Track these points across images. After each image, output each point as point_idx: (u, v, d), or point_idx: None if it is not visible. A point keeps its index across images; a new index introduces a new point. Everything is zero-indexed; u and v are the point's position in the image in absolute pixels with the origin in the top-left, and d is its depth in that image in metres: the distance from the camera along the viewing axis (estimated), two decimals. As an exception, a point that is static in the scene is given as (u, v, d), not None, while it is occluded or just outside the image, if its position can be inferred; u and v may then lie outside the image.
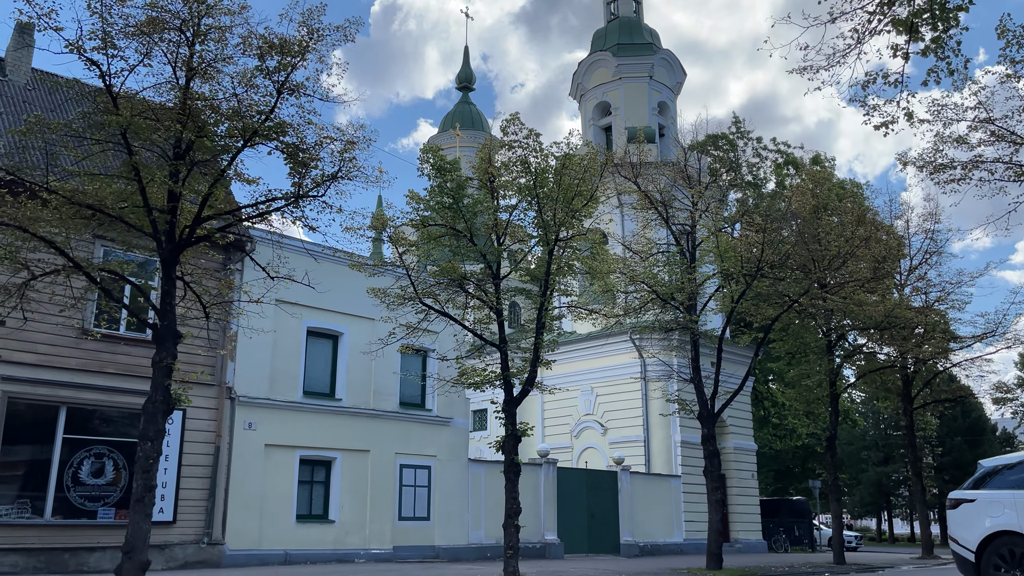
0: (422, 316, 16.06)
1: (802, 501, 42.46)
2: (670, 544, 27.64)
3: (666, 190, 21.02)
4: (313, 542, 18.69)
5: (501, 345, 15.80)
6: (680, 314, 20.36)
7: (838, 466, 24.76)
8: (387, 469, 20.55)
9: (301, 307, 19.60)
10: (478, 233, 16.43)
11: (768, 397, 44.67)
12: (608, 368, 31.00)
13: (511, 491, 15.37)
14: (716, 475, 19.80)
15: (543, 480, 24.10)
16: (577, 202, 14.55)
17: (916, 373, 30.08)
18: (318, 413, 19.51)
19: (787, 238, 22.23)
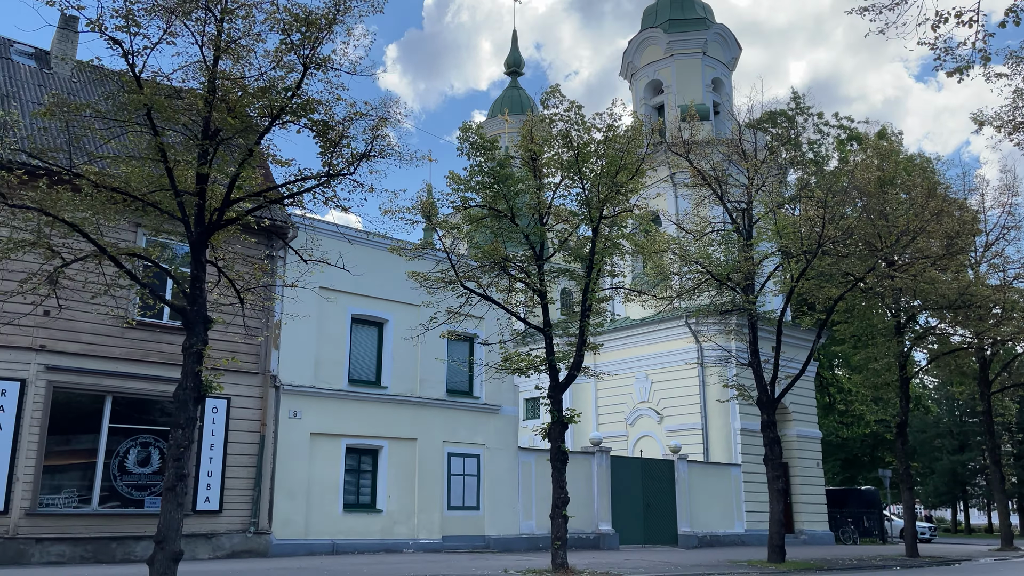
0: (463, 300, 15.54)
1: (871, 491, 40.82)
2: (730, 535, 26.68)
3: (720, 166, 20.04)
4: (360, 532, 18.44)
5: (545, 329, 15.19)
6: (737, 295, 19.41)
7: (910, 454, 23.40)
8: (435, 458, 20.17)
9: (344, 294, 19.36)
10: (520, 213, 15.83)
11: (833, 383, 43.01)
12: (663, 354, 30.08)
13: (558, 480, 14.79)
14: (777, 463, 18.85)
15: (596, 469, 23.44)
16: (622, 176, 13.80)
17: (994, 356, 28.34)
18: (364, 401, 19.23)
19: (850, 214, 21.01)
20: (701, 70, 34.11)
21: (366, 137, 11.98)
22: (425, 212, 15.38)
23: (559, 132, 14.16)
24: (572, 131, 13.98)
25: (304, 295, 18.31)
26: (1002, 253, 27.92)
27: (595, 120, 13.87)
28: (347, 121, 11.41)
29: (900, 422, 23.03)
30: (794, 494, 29.84)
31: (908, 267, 22.05)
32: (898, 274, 21.45)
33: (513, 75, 46.01)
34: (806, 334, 30.90)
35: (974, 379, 29.42)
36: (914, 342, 23.92)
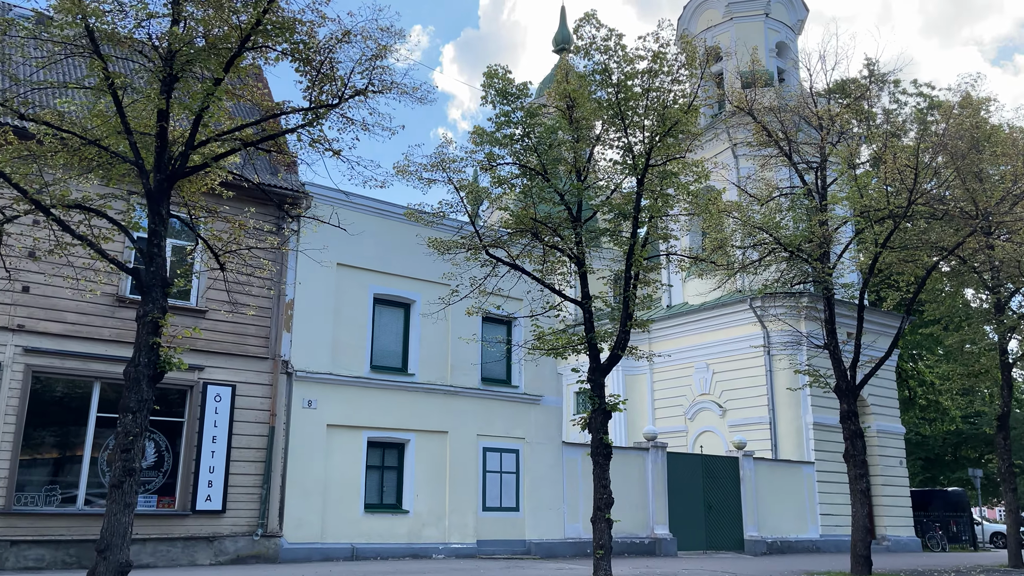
0: (489, 270, 13.48)
1: (959, 492, 37.29)
2: (803, 540, 23.98)
3: (788, 119, 17.50)
4: (384, 535, 16.56)
5: (584, 301, 12.99)
6: (810, 268, 16.86)
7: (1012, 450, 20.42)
8: (468, 453, 18.17)
9: (366, 271, 17.56)
10: (554, 171, 13.67)
11: (914, 376, 39.53)
12: (725, 342, 27.46)
13: (600, 477, 12.60)
14: (860, 460, 16.24)
15: (651, 466, 21.11)
16: (673, 112, 11.51)
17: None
18: (388, 390, 17.35)
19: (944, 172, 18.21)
20: (764, 33, 31.30)
21: (364, 70, 10.05)
22: (444, 167, 13.38)
23: (596, 66, 11.94)
24: (611, 64, 11.75)
25: (322, 273, 16.65)
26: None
27: (639, 50, 11.61)
28: (334, 42, 9.47)
29: (1002, 413, 20.05)
30: (875, 495, 26.87)
31: (1012, 235, 19.11)
32: (1000, 242, 18.55)
33: (561, 52, 43.75)
34: (886, 318, 27.92)
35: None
36: (1020, 319, 20.82)
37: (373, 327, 17.61)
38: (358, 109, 10.24)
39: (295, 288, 16.37)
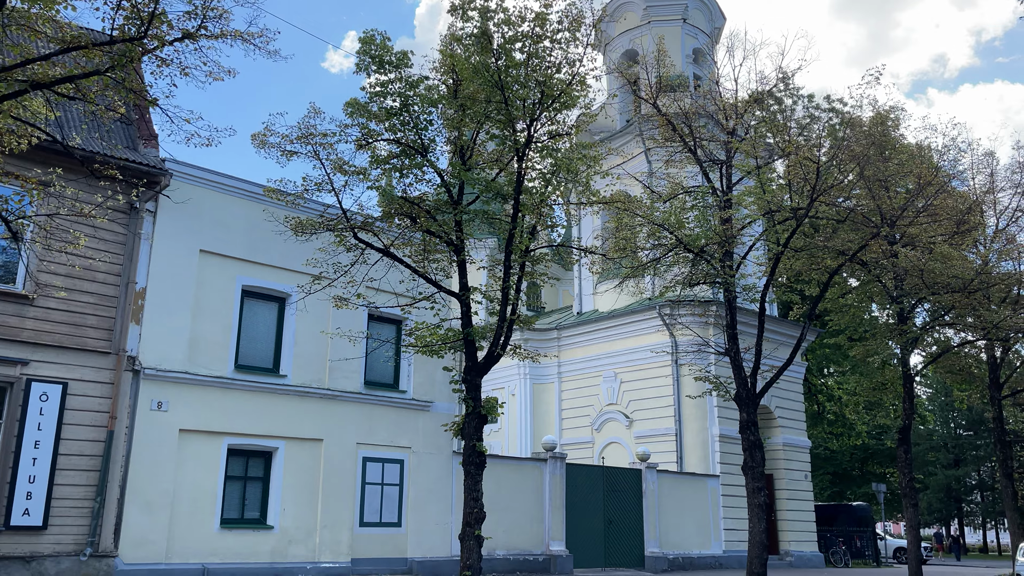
0: (358, 255, 12.09)
1: (863, 507, 37.48)
2: (706, 557, 23.17)
3: (692, 112, 16.68)
4: (243, 553, 14.82)
5: (462, 293, 11.72)
6: (714, 268, 16.02)
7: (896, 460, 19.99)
8: (345, 463, 16.60)
9: (233, 260, 15.86)
10: (436, 149, 12.40)
11: (823, 391, 39.74)
12: (634, 350, 26.62)
13: (471, 489, 11.31)
14: (759, 472, 15.41)
15: (548, 478, 19.91)
16: (557, 83, 10.38)
17: (1005, 354, 25.05)
18: (255, 392, 15.66)
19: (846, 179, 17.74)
20: (681, 39, 30.85)
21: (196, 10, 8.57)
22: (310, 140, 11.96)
23: (475, 30, 10.72)
24: (490, 27, 10.55)
25: (181, 261, 14.95)
26: (1014, 239, 24.62)
27: (520, 11, 10.44)
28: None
29: (904, 426, 19.65)
30: (779, 510, 26.40)
31: (914, 244, 18.80)
32: (904, 250, 18.16)
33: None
34: (794, 329, 27.57)
35: (983, 382, 26.11)
36: (921, 331, 20.53)
37: (240, 323, 15.90)
38: (191, 55, 8.75)
39: (147, 276, 14.57)
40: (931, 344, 24.48)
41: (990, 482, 53.89)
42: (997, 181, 25.40)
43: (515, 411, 29.53)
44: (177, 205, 14.98)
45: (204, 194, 15.52)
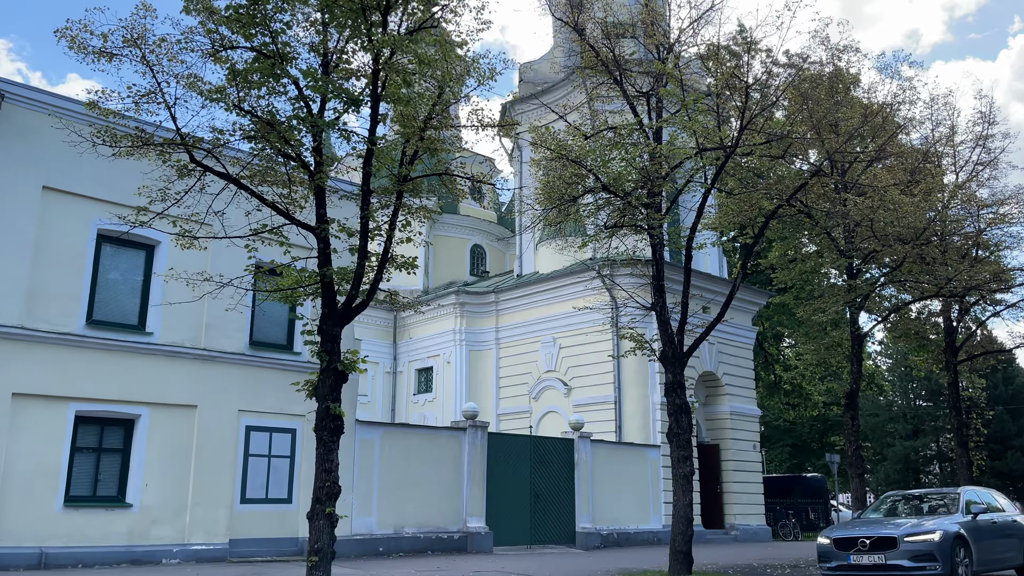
0: (195, 182, 10.10)
1: (817, 478, 36.51)
2: (644, 532, 21.68)
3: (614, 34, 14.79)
4: (93, 536, 12.91)
5: (319, 226, 9.79)
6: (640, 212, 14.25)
7: (860, 434, 18.61)
8: (224, 432, 14.71)
9: (86, 200, 13.75)
10: (293, 57, 10.38)
11: (779, 360, 38.50)
12: (572, 314, 24.86)
13: (324, 459, 9.49)
14: (684, 439, 13.77)
15: (467, 449, 18.20)
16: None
17: (962, 316, 23.72)
18: (112, 352, 13.67)
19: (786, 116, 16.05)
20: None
21: None
22: (138, 43, 9.89)
23: None
24: None
25: (17, 198, 12.85)
26: (974, 197, 23.16)
27: None
28: None
29: (851, 391, 18.16)
30: (725, 481, 25.00)
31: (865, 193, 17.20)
32: (853, 197, 16.55)
33: None
34: (743, 290, 26.07)
35: (938, 347, 24.82)
36: (871, 288, 19.00)
37: (96, 272, 13.87)
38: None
39: (-27, 214, 12.47)
40: (885, 309, 23.09)
41: (948, 453, 53.37)
42: (957, 134, 23.95)
43: (450, 379, 27.80)
44: (13, 134, 12.84)
45: (50, 123, 13.35)
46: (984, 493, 14.43)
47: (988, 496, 14.35)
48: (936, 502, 13.76)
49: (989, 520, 13.11)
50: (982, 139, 23.46)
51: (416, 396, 29.41)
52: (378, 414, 29.04)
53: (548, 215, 15.16)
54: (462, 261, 34.34)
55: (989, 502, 13.88)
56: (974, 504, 12.95)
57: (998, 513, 13.82)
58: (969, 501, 13.06)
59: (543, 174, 15.47)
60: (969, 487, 14.69)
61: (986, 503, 13.58)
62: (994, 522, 13.28)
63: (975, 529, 12.48)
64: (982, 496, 13.97)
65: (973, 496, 13.55)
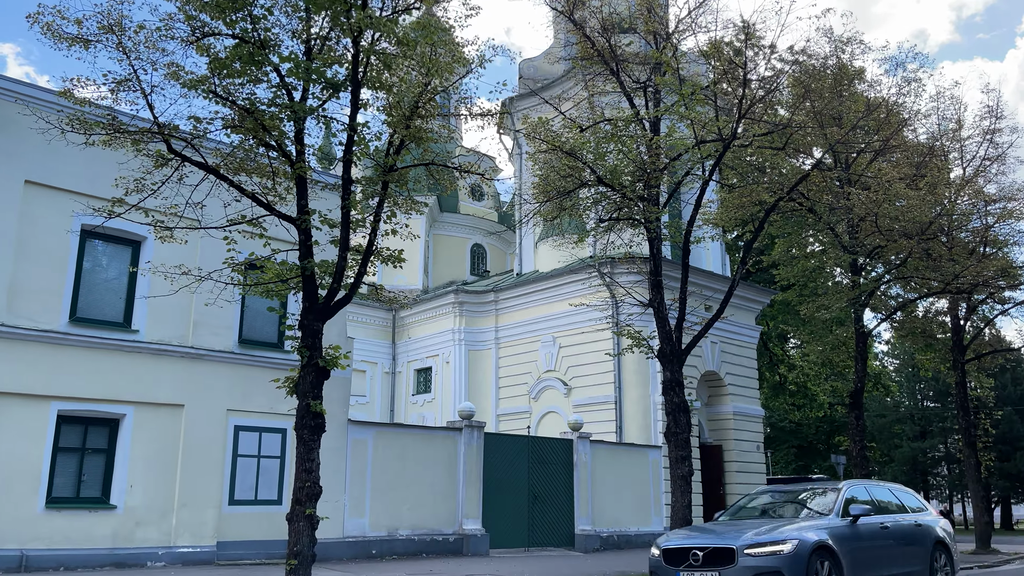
0: (172, 171, 9.79)
1: (823, 480, 35.93)
2: (645, 534, 21.25)
3: (610, 25, 14.44)
4: (75, 538, 12.59)
5: (300, 217, 9.47)
6: (636, 205, 13.90)
7: (866, 433, 18.18)
8: (212, 432, 14.39)
9: (70, 194, 13.44)
10: (276, 44, 10.07)
11: (784, 360, 38.04)
12: (572, 312, 24.50)
13: (305, 459, 9.19)
14: (683, 439, 13.41)
15: (463, 450, 17.83)
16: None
17: (970, 314, 23.26)
18: (96, 350, 13.36)
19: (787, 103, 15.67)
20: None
21: None
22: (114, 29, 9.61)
23: None
24: None
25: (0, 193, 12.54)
26: (981, 192, 22.71)
27: None
28: None
29: (855, 390, 17.74)
30: (728, 483, 24.59)
31: (869, 187, 16.81)
32: (857, 191, 16.16)
33: None
34: (745, 288, 25.69)
35: (945, 346, 24.36)
36: (875, 284, 18.59)
37: (80, 268, 13.57)
38: None
39: (-48, 208, 12.19)
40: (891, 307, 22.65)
41: (956, 454, 52.79)
42: (964, 129, 23.52)
43: (449, 380, 27.46)
44: None
45: (36, 114, 13.05)
46: (879, 489, 11.66)
47: (884, 492, 11.56)
48: (815, 499, 10.88)
49: (875, 525, 10.37)
50: (989, 133, 23.03)
51: (415, 397, 29.07)
52: (377, 415, 28.73)
53: (542, 209, 14.82)
54: (462, 261, 34.04)
55: (882, 500, 11.26)
56: (855, 504, 10.26)
57: (893, 515, 11.04)
58: (849, 500, 10.31)
59: (538, 167, 15.18)
60: (856, 481, 11.71)
61: (877, 502, 10.98)
62: (884, 527, 10.51)
63: (850, 537, 9.78)
64: (874, 493, 11.24)
65: (857, 493, 10.75)
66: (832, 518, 9.86)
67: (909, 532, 11.07)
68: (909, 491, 12.31)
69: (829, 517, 9.88)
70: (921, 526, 11.35)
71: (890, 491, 11.74)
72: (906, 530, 11.01)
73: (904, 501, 11.74)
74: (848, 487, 10.75)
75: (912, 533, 11.12)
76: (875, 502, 10.92)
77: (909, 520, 11.24)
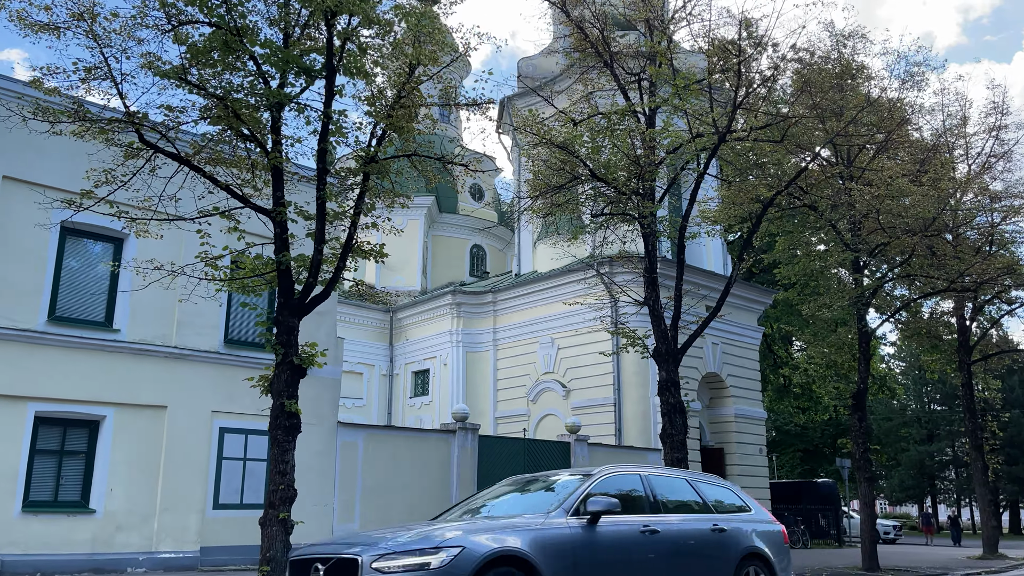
0: (143, 163, 9.45)
1: (829, 484, 35.44)
2: (644, 539, 20.79)
3: (601, 14, 14.07)
4: (53, 543, 12.24)
5: (275, 210, 9.10)
6: (630, 200, 13.52)
7: (870, 436, 17.73)
8: (197, 434, 14.04)
9: (52, 190, 13.08)
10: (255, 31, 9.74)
11: (789, 362, 37.55)
12: (571, 313, 24.08)
13: (279, 460, 8.78)
14: (679, 441, 13.00)
15: (457, 452, 17.45)
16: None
17: (976, 314, 22.79)
18: (76, 350, 13.03)
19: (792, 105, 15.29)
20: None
21: None
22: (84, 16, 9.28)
23: None
24: None
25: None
26: (987, 189, 22.25)
27: None
28: None
29: (858, 391, 17.29)
30: (730, 487, 24.08)
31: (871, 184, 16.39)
32: (859, 187, 15.74)
33: None
34: (748, 289, 25.31)
35: (951, 347, 23.88)
36: (878, 283, 18.16)
37: (59, 266, 13.25)
38: None
39: (-74, 204, 11.88)
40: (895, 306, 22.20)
41: (964, 458, 52.19)
42: (969, 125, 23.10)
43: (447, 382, 27.08)
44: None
45: (11, 110, 12.75)
46: (666, 480, 8.30)
47: (676, 485, 8.32)
48: (552, 491, 7.69)
49: (631, 528, 7.25)
50: (995, 130, 22.60)
51: (413, 399, 28.70)
52: (374, 418, 28.35)
53: (535, 205, 14.45)
54: (462, 262, 33.69)
55: (664, 496, 7.95)
56: (595, 498, 7.07)
57: (677, 516, 7.86)
58: (589, 495, 7.18)
59: (530, 162, 14.85)
60: (624, 466, 8.23)
61: (649, 497, 7.75)
62: (648, 531, 7.33)
63: (576, 544, 6.76)
64: (655, 485, 7.95)
65: (613, 483, 7.60)
66: (554, 516, 6.85)
67: (697, 539, 7.81)
68: (729, 487, 9.12)
69: (551, 515, 6.87)
70: (725, 531, 8.07)
71: (689, 483, 8.48)
72: (691, 536, 7.76)
73: (710, 497, 8.46)
74: (604, 474, 7.65)
75: (704, 540, 7.86)
76: (645, 498, 7.74)
77: (702, 524, 7.98)
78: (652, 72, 13.00)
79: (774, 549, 8.60)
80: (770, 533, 8.76)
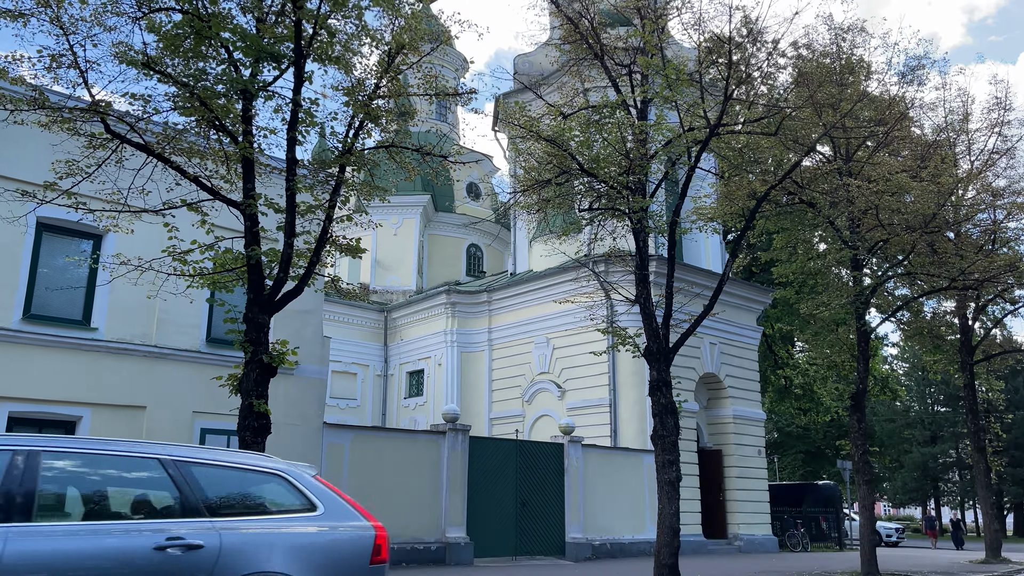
0: (110, 153, 9.14)
1: (831, 486, 34.97)
2: (639, 542, 20.46)
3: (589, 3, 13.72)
4: (25, 546, 11.89)
5: (245, 201, 8.78)
6: (620, 195, 13.16)
7: (871, 437, 17.35)
8: (177, 435, 13.64)
9: (27, 185, 12.72)
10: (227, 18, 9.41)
11: (789, 363, 37.14)
12: (566, 312, 23.73)
13: (246, 463, 8.39)
14: (670, 442, 12.63)
15: (447, 454, 17.10)
16: None
17: (978, 313, 22.37)
18: (52, 348, 12.72)
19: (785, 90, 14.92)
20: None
21: None
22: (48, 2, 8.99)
23: None
24: None
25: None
26: (990, 187, 21.83)
27: None
28: None
29: (857, 391, 16.90)
30: (729, 489, 23.76)
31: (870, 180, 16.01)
32: (857, 182, 15.37)
33: None
34: (748, 289, 24.94)
35: (953, 347, 23.45)
36: (877, 281, 17.77)
37: (35, 263, 12.93)
38: None
39: None
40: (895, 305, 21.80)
41: (967, 460, 51.71)
42: (971, 121, 22.69)
43: (442, 382, 26.73)
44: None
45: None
46: (81, 457, 5.26)
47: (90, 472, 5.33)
48: None
49: None
50: (998, 126, 22.18)
51: (407, 400, 28.36)
52: (368, 418, 28.02)
53: (523, 200, 14.11)
54: (458, 262, 33.35)
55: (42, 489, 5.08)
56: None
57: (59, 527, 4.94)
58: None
59: (516, 156, 14.54)
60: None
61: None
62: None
63: None
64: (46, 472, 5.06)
65: None
66: None
67: (119, 568, 4.83)
68: (286, 472, 5.90)
69: None
70: (199, 549, 5.07)
71: (164, 465, 5.41)
72: (103, 561, 4.79)
73: (211, 492, 5.43)
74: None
75: (137, 570, 4.88)
76: None
77: (137, 540, 4.99)
78: (643, 63, 12.63)
79: (328, 571, 5.49)
80: (330, 544, 5.63)
